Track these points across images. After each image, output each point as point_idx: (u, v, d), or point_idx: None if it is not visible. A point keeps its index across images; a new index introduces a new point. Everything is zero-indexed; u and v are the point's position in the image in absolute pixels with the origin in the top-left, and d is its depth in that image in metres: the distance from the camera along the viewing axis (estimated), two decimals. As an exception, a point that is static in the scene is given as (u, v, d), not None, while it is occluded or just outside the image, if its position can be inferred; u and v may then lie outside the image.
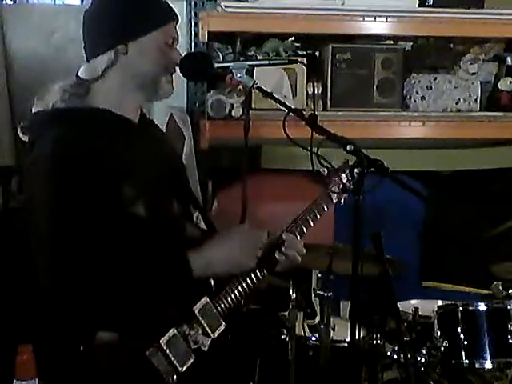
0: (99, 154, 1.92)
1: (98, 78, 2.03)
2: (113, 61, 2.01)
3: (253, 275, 2.09)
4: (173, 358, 1.92)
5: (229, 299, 2.06)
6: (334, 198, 2.37)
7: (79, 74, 2.06)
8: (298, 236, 2.21)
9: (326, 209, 2.34)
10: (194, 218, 2.22)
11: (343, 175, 2.35)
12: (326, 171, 2.32)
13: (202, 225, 2.24)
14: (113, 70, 2.03)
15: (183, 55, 2.09)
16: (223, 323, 2.04)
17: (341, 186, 2.34)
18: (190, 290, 1.99)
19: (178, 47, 2.11)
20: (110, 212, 1.91)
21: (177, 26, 2.10)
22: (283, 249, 2.10)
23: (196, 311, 2.00)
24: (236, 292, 2.07)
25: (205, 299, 2.02)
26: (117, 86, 2.04)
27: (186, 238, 2.13)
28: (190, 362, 1.96)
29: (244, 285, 2.08)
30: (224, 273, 2.03)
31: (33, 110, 2.04)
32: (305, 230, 2.24)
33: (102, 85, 2.04)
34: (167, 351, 1.91)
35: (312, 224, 2.27)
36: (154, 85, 2.06)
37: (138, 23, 2.02)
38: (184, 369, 1.94)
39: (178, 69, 2.09)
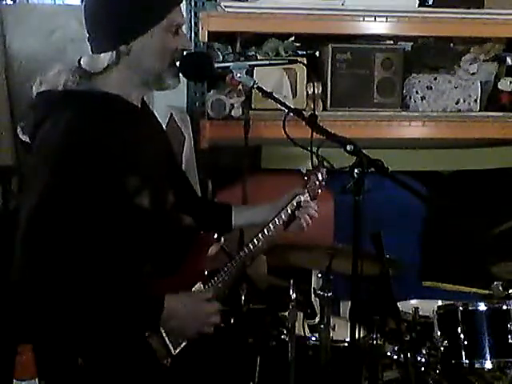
0: (112, 140, 1.90)
1: (100, 72, 1.99)
2: (115, 60, 1.96)
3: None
4: (167, 341, 1.97)
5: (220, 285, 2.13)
6: (311, 194, 2.37)
7: (81, 62, 2.01)
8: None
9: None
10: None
11: (319, 174, 2.36)
12: (305, 170, 2.34)
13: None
14: (115, 68, 1.98)
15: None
16: None
17: (317, 183, 2.36)
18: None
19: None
20: (118, 201, 1.90)
21: (181, 8, 2.02)
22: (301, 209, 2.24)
23: None
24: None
25: (199, 285, 2.08)
26: (121, 80, 2.00)
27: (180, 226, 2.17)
28: (182, 346, 2.01)
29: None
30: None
31: (35, 89, 1.99)
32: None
33: (106, 78, 1.99)
34: (163, 334, 1.97)
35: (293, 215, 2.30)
36: (158, 80, 2.02)
37: (139, 20, 1.95)
38: (177, 351, 1.99)
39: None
